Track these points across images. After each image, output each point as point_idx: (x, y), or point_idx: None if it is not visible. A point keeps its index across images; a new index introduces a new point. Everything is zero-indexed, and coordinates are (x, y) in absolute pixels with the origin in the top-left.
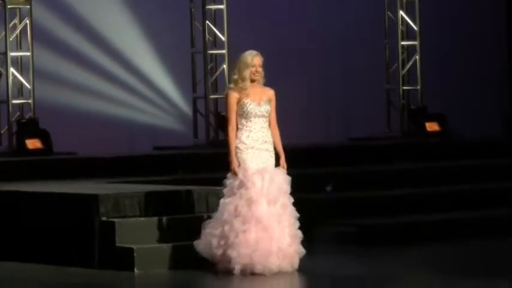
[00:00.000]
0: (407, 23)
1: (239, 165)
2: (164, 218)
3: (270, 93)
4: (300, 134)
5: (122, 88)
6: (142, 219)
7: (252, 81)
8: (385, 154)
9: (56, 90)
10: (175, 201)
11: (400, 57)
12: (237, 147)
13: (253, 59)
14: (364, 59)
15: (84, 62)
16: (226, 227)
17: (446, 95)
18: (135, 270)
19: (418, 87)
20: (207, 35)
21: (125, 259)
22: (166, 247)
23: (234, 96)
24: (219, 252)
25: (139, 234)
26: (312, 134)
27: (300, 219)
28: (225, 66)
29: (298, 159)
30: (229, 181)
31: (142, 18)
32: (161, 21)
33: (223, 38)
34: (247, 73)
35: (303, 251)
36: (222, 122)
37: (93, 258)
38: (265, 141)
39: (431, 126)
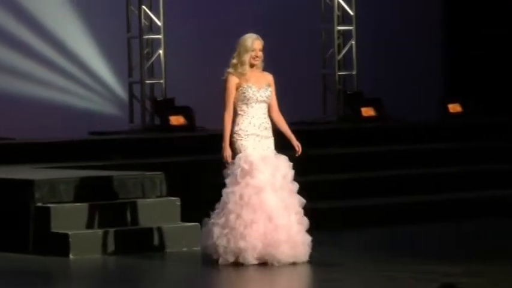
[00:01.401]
0: (343, 8)
1: (238, 152)
2: (100, 204)
3: (269, 78)
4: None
5: (57, 73)
6: (77, 204)
7: (252, 66)
8: (321, 139)
9: None
10: (111, 186)
11: (336, 42)
12: (237, 134)
13: (254, 42)
14: (301, 44)
15: (19, 46)
16: (232, 216)
17: (383, 80)
18: (70, 255)
19: (354, 72)
20: (143, 20)
21: (60, 244)
22: (102, 232)
23: (233, 80)
24: (223, 242)
25: (74, 219)
26: None
27: None
28: (161, 51)
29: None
30: (230, 170)
31: (77, 2)
32: (97, 6)
33: (159, 23)
34: (246, 57)
35: (309, 239)
36: (158, 107)
37: (27, 243)
38: (266, 128)
39: (367, 111)
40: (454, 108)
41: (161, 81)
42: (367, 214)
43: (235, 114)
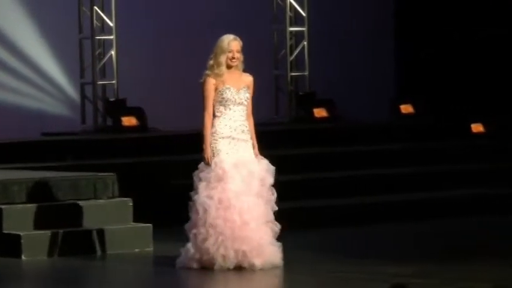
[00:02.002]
0: (296, 9)
1: (213, 155)
2: (52, 205)
3: (249, 79)
4: (182, 119)
5: (9, 73)
6: (30, 205)
7: (229, 67)
8: (274, 140)
9: None
10: (64, 187)
11: (288, 43)
12: (212, 136)
13: (230, 43)
14: (253, 45)
15: None
16: (219, 221)
17: (335, 81)
18: (23, 257)
19: (306, 73)
20: (94, 21)
21: (12, 246)
22: (54, 234)
23: (211, 82)
24: (221, 251)
25: (27, 220)
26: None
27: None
28: (113, 52)
29: (185, 144)
30: (202, 174)
31: (29, 3)
32: (48, 6)
33: (111, 24)
34: (223, 59)
35: (278, 245)
36: (110, 108)
37: None
38: (243, 131)
39: (319, 112)
40: (406, 108)
41: (113, 82)
42: (321, 215)
43: (213, 116)
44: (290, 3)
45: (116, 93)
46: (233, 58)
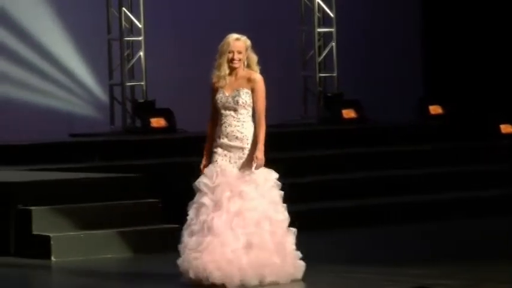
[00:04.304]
0: (324, 10)
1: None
2: (81, 206)
3: (253, 80)
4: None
5: (37, 75)
6: (59, 206)
7: (232, 69)
8: (302, 141)
9: None
10: (92, 188)
11: (317, 44)
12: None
13: (231, 44)
14: (281, 46)
15: None
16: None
17: (362, 82)
18: (52, 258)
19: (334, 74)
20: (123, 22)
21: (41, 247)
22: (84, 235)
23: (212, 85)
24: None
25: (56, 222)
26: None
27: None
28: (141, 53)
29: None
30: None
31: (57, 4)
32: (77, 7)
33: (139, 25)
34: (224, 60)
35: (272, 262)
36: (138, 109)
37: (9, 246)
38: (237, 137)
39: (348, 113)
40: (435, 109)
41: (142, 83)
42: (346, 215)
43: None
44: (318, 4)
45: (144, 94)
46: (233, 60)
